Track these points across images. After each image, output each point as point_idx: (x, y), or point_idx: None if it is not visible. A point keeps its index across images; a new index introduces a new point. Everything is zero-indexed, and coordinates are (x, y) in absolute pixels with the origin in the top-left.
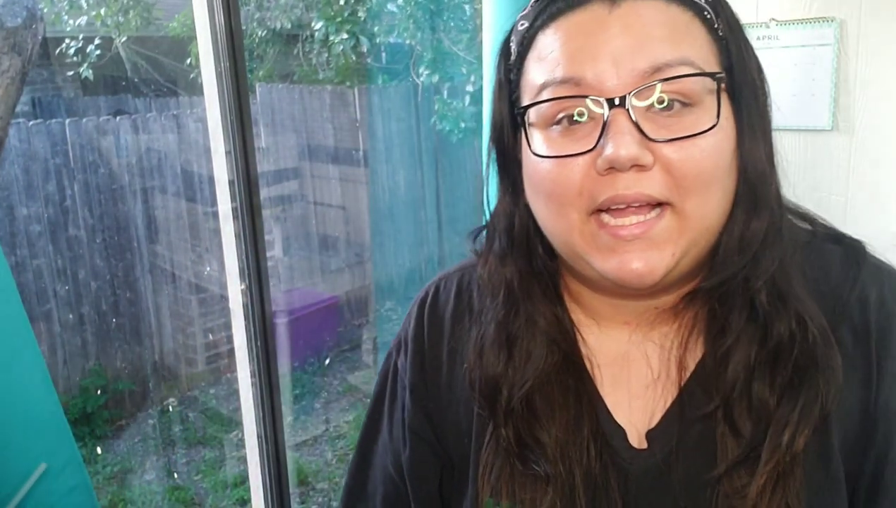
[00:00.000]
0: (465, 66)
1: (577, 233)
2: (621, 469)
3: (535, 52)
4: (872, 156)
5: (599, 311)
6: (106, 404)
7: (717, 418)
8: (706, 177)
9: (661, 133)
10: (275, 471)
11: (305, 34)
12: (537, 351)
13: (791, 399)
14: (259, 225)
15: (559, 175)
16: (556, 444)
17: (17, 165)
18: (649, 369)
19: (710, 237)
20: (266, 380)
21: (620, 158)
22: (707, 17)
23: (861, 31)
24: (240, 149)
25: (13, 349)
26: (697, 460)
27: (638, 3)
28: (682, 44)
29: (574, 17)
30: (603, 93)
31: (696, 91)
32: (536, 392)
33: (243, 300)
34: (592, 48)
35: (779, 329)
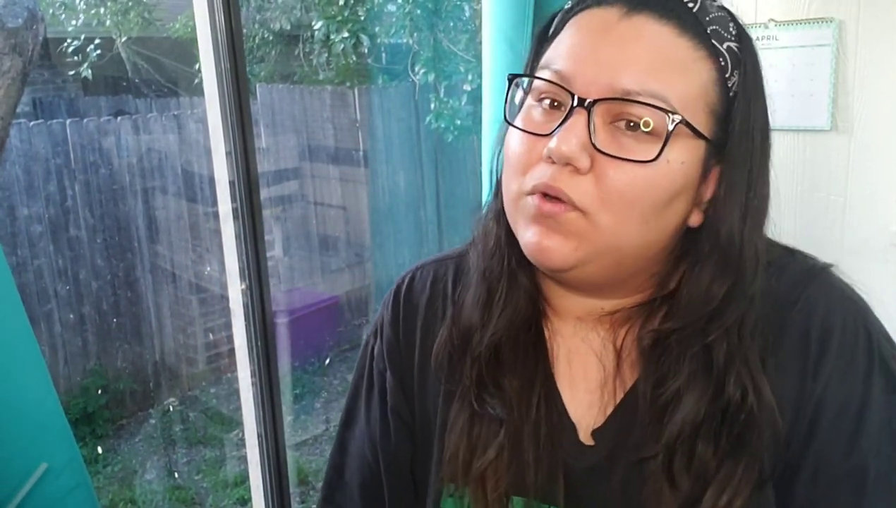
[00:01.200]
0: (462, 65)
1: (513, 203)
2: (567, 462)
3: (563, 34)
4: (871, 155)
5: (554, 301)
6: (107, 404)
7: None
8: (629, 202)
9: (610, 146)
10: (275, 471)
11: (306, 34)
12: (513, 303)
13: (732, 464)
14: (259, 225)
15: (518, 146)
16: (514, 392)
17: (18, 165)
18: (599, 366)
19: (621, 258)
20: (266, 380)
21: (556, 151)
22: (722, 64)
23: (860, 31)
24: (240, 150)
25: (13, 349)
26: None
27: (650, 22)
28: (669, 79)
29: (593, 14)
30: (575, 89)
31: (659, 126)
32: (504, 342)
33: (244, 300)
34: (587, 50)
35: (732, 389)
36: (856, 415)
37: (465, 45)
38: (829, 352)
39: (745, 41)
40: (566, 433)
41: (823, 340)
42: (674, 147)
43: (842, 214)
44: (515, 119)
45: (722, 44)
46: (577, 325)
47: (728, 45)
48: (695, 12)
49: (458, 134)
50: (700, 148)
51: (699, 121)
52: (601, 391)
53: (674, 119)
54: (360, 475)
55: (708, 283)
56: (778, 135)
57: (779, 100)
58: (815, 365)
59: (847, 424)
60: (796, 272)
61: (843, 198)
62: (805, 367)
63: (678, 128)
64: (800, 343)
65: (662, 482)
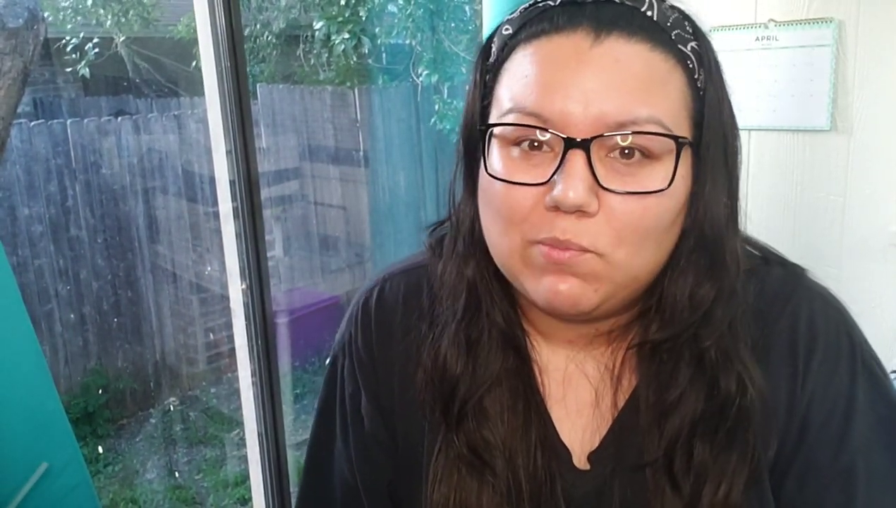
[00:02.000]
0: (464, 66)
1: (516, 255)
2: (565, 488)
3: (513, 65)
4: (871, 156)
5: (543, 328)
6: (107, 403)
7: (656, 467)
8: (643, 233)
9: (615, 182)
10: (276, 470)
11: (306, 35)
12: (494, 353)
13: (726, 456)
14: (260, 225)
15: (509, 198)
16: (503, 446)
17: (18, 166)
18: (591, 389)
19: (638, 286)
20: (267, 380)
21: (567, 201)
22: (689, 66)
23: (859, 31)
24: (240, 150)
25: (15, 348)
26: (635, 492)
27: (621, 43)
28: (655, 98)
29: (555, 42)
30: (566, 130)
31: (658, 148)
32: (488, 394)
33: (244, 300)
34: (564, 84)
35: (726, 384)
36: (843, 417)
37: (467, 46)
38: (816, 358)
39: (700, 35)
40: (562, 461)
41: (810, 348)
42: (679, 164)
43: (841, 214)
44: (493, 168)
45: (686, 46)
46: (569, 349)
47: (691, 46)
48: (657, 21)
49: None
50: (689, 155)
51: (686, 130)
52: (594, 413)
53: (681, 141)
54: (342, 497)
55: (693, 286)
56: (778, 135)
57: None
58: (803, 371)
59: (835, 426)
60: (777, 281)
61: (843, 198)
62: (794, 374)
63: (681, 150)
64: (788, 351)
65: (665, 485)
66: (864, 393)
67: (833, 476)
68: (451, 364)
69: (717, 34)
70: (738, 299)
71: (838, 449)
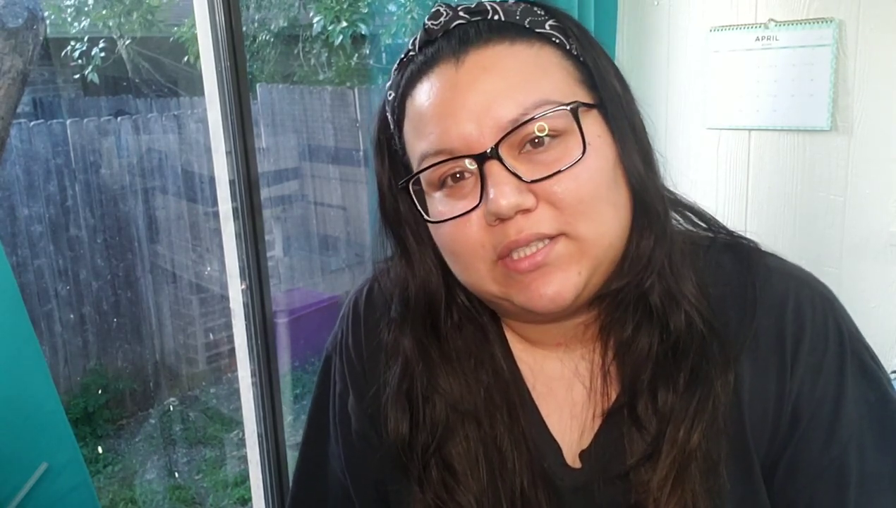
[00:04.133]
0: None
1: (489, 280)
2: (554, 488)
3: (408, 119)
4: (871, 155)
5: (532, 337)
6: (107, 403)
7: (623, 416)
8: (589, 201)
9: (536, 172)
10: (275, 470)
11: (305, 34)
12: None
13: (687, 396)
14: (259, 225)
15: (457, 234)
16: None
17: (18, 166)
18: (583, 387)
19: (614, 253)
20: (266, 380)
21: (502, 209)
22: (556, 41)
23: (860, 31)
24: (240, 150)
25: (15, 348)
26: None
27: (482, 53)
28: (536, 82)
29: (428, 81)
30: (472, 150)
31: (561, 123)
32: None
33: (244, 300)
34: (450, 111)
35: (676, 322)
36: (832, 407)
37: None
38: (803, 348)
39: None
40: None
41: (797, 337)
42: (585, 127)
43: (842, 214)
44: (433, 216)
45: (543, 27)
46: (559, 352)
47: (549, 24)
48: (504, 20)
49: None
50: (597, 116)
51: (580, 94)
52: (587, 412)
53: (569, 106)
54: (336, 497)
55: (638, 238)
56: (778, 135)
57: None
58: (791, 362)
59: (825, 416)
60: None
61: (843, 198)
62: (783, 364)
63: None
64: (775, 341)
65: (631, 428)
66: (854, 383)
67: (824, 467)
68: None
69: (717, 34)
70: (672, 239)
71: (829, 440)
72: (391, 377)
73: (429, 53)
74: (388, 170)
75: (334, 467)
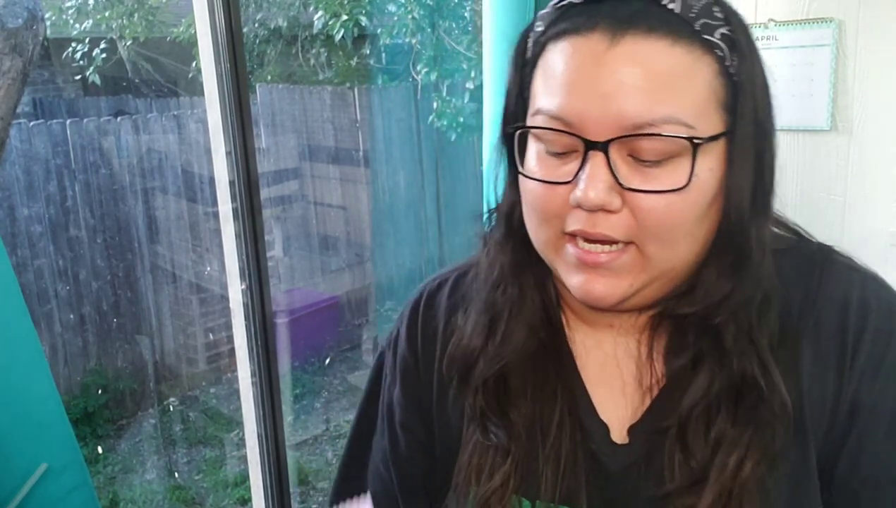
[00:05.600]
0: (465, 63)
1: (551, 246)
2: (601, 463)
3: (544, 62)
4: (871, 155)
5: (585, 314)
6: (107, 403)
7: (670, 435)
8: (670, 229)
9: (636, 180)
10: (275, 471)
11: (305, 34)
12: (517, 334)
13: (744, 425)
14: (259, 225)
15: (542, 195)
16: (524, 424)
17: (18, 166)
18: (635, 368)
19: (673, 277)
20: (266, 380)
21: (588, 201)
22: (719, 54)
23: (859, 31)
24: (240, 150)
25: (16, 348)
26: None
27: (639, 42)
28: (675, 96)
29: (576, 43)
30: (585, 133)
31: (678, 148)
32: (512, 372)
33: (244, 300)
34: (582, 87)
35: (740, 365)
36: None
37: (468, 44)
38: (865, 340)
39: (732, 19)
40: (598, 437)
41: (860, 327)
42: (699, 161)
43: (842, 214)
44: (526, 167)
45: (714, 34)
46: (611, 332)
47: (720, 32)
48: (679, 13)
49: (462, 132)
50: (720, 145)
51: (714, 122)
52: (636, 391)
53: (695, 140)
54: (375, 486)
55: (717, 269)
56: (778, 135)
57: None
58: (852, 352)
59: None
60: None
61: (843, 198)
62: (843, 356)
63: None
64: (838, 338)
65: (676, 451)
66: None
67: (889, 453)
68: (473, 336)
69: None
70: (761, 285)
71: (890, 432)
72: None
73: (589, 12)
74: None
75: (377, 462)
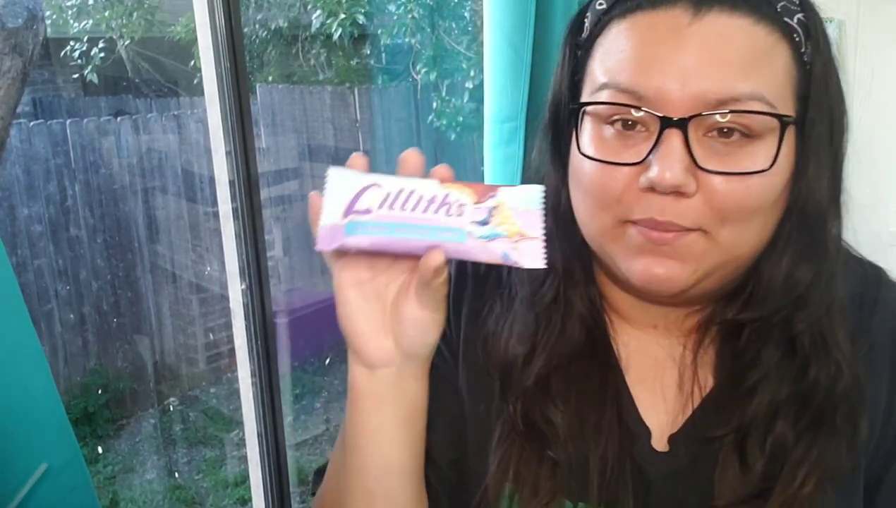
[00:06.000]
0: (465, 62)
1: (608, 235)
2: (642, 470)
3: (607, 40)
4: (871, 155)
5: (628, 313)
6: (107, 403)
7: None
8: (747, 214)
9: (713, 162)
10: (275, 471)
11: (305, 35)
12: (566, 331)
13: (812, 440)
14: (259, 225)
15: (602, 178)
16: (568, 427)
17: (18, 166)
18: (677, 372)
19: (739, 265)
20: (266, 380)
21: (664, 182)
22: (796, 39)
23: (859, 31)
24: (240, 150)
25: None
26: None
27: (723, 18)
28: (759, 74)
29: (653, 17)
30: (662, 109)
31: (760, 127)
32: (555, 373)
33: (244, 300)
34: (662, 61)
35: (816, 373)
36: None
37: (468, 44)
38: None
39: (807, 6)
40: (639, 442)
41: None
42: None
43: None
44: (585, 148)
45: (793, 18)
46: (654, 333)
47: (798, 17)
48: None
49: (461, 131)
50: (793, 132)
51: (790, 106)
52: (678, 396)
53: (785, 119)
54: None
55: (790, 267)
56: None
57: None
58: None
59: None
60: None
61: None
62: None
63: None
64: (891, 354)
65: (734, 462)
66: None
67: None
68: (516, 337)
69: None
70: (837, 283)
71: None
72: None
73: None
74: (567, 74)
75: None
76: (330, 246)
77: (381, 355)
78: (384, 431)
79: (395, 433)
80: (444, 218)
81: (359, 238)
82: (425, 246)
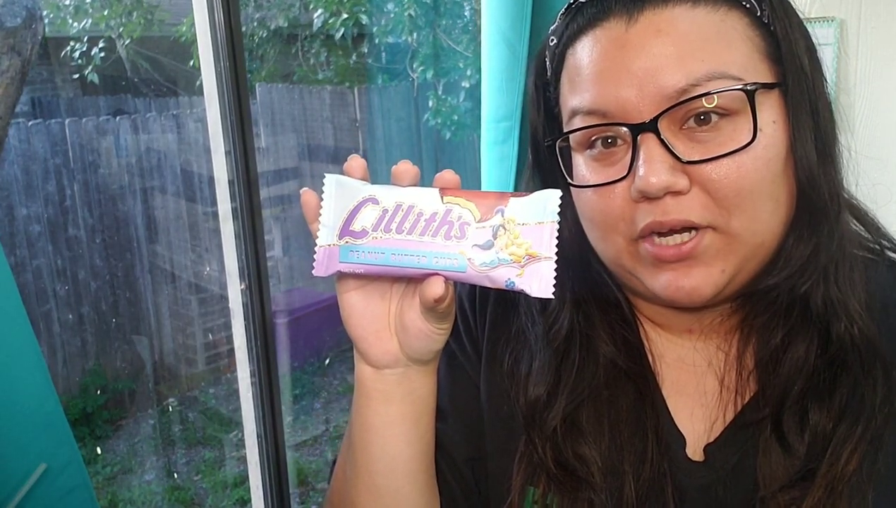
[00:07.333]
0: (461, 62)
1: (625, 254)
2: (678, 481)
3: (566, 70)
4: (873, 155)
5: (661, 321)
6: (106, 404)
7: (763, 426)
8: (748, 193)
9: (696, 152)
10: (275, 471)
11: (305, 34)
12: (591, 367)
13: (850, 420)
14: (259, 225)
15: (599, 203)
16: (602, 459)
17: (16, 165)
18: (714, 377)
19: (766, 251)
20: (266, 380)
21: (651, 187)
22: (746, 6)
23: (861, 30)
24: (240, 149)
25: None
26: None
27: (658, 13)
28: (712, 52)
29: (594, 35)
30: (628, 117)
31: (734, 102)
32: (583, 408)
33: (243, 300)
34: (612, 72)
35: (838, 329)
36: None
37: (466, 44)
38: None
39: None
40: (675, 451)
41: None
42: (760, 113)
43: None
44: (577, 179)
45: None
46: (688, 338)
47: None
48: None
49: (457, 130)
50: (776, 98)
51: (763, 73)
52: (717, 403)
53: (746, 87)
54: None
55: (797, 238)
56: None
57: None
58: None
59: None
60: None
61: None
62: None
63: (755, 96)
64: None
65: (774, 446)
66: None
67: None
68: (535, 385)
69: None
70: (843, 242)
71: None
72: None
73: (600, 5)
74: (542, 119)
75: None
76: (326, 272)
77: (386, 358)
78: (390, 428)
79: (402, 430)
80: (443, 241)
81: (353, 266)
82: (423, 275)
